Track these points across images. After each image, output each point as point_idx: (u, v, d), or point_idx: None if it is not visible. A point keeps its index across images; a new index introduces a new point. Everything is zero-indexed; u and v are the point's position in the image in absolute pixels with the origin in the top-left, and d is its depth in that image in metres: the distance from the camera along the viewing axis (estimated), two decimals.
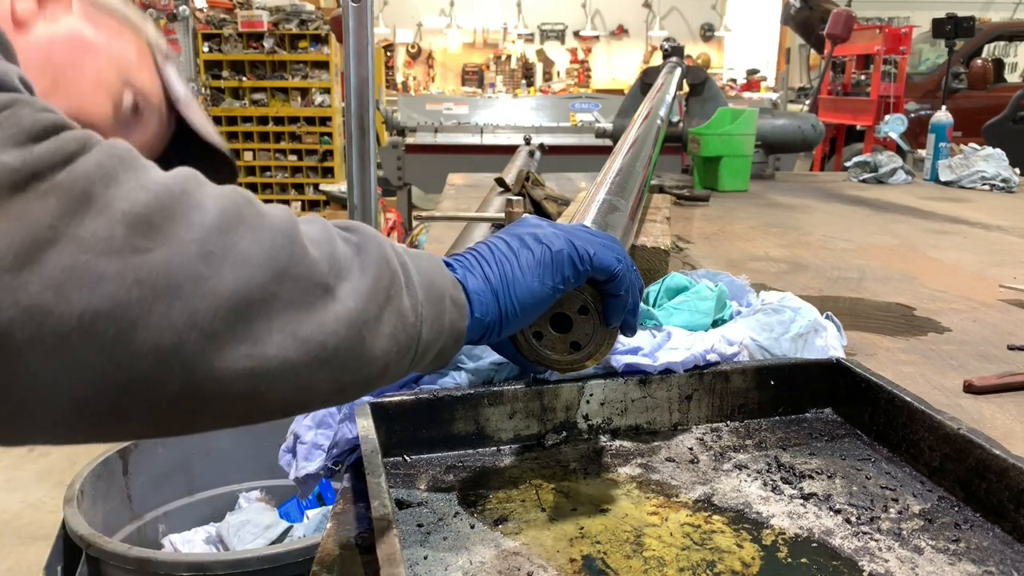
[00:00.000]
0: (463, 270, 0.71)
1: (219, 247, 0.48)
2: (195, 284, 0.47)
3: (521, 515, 0.71)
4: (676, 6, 13.95)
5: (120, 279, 0.44)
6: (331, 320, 0.54)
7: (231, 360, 0.48)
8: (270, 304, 0.50)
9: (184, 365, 0.46)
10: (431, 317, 0.64)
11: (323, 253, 0.55)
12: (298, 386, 0.53)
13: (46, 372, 0.43)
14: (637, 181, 1.34)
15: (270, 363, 0.50)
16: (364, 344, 0.56)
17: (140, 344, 0.45)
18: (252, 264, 0.50)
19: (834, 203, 2.68)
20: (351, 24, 1.86)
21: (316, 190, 8.14)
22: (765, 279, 1.59)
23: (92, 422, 0.46)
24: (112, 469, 2.15)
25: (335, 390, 0.57)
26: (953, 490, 0.74)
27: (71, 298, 0.43)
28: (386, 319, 0.58)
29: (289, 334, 0.51)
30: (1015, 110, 6.11)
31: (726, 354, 0.91)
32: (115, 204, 0.46)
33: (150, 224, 0.46)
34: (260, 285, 0.50)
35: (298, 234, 0.53)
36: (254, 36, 8.37)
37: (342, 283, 0.55)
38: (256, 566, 1.68)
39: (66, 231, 0.44)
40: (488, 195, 2.18)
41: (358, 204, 2.01)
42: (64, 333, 0.43)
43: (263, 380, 0.50)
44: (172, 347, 0.46)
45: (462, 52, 13.95)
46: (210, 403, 0.49)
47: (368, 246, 0.60)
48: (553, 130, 6.45)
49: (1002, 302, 1.48)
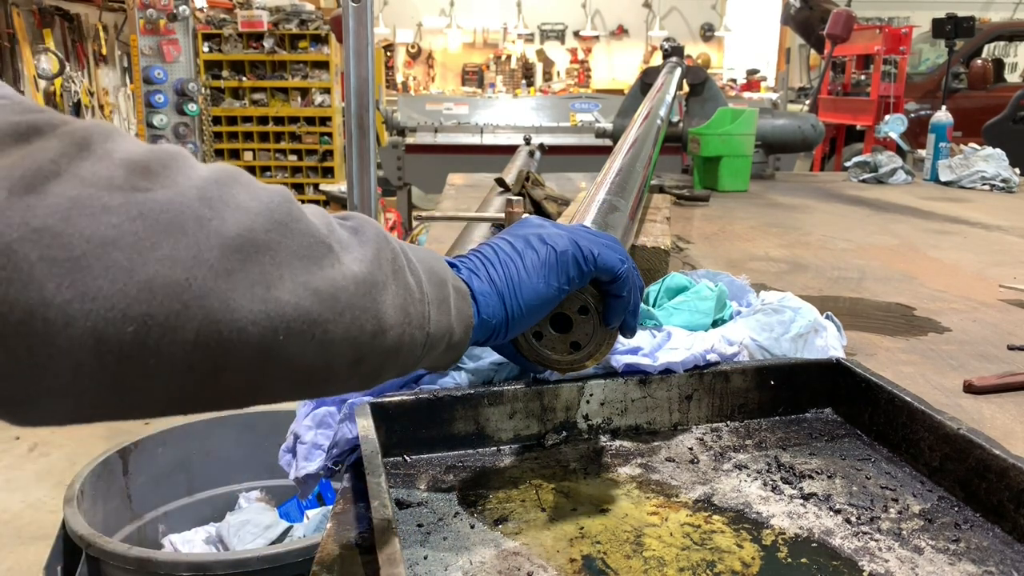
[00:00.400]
0: (468, 272, 0.71)
1: (218, 195, 0.49)
2: (199, 223, 0.47)
3: (521, 515, 0.71)
4: (676, 6, 13.95)
5: (124, 210, 0.45)
6: (340, 276, 0.54)
7: (245, 300, 0.48)
8: (277, 251, 0.50)
9: (198, 302, 0.46)
10: (436, 300, 0.64)
11: (321, 221, 0.56)
12: (316, 341, 0.52)
13: (60, 298, 0.42)
14: (637, 181, 1.34)
15: (284, 308, 0.50)
16: (377, 307, 0.57)
17: (151, 276, 0.45)
18: (253, 212, 0.50)
19: (834, 203, 2.68)
20: (351, 24, 1.86)
21: (316, 190, 8.14)
22: (765, 279, 1.59)
23: (115, 373, 0.45)
24: (112, 469, 2.15)
25: (354, 358, 0.56)
26: (953, 490, 0.74)
27: (78, 224, 0.43)
28: (393, 290, 0.59)
29: (301, 283, 0.51)
30: (1015, 110, 6.11)
31: (726, 354, 0.91)
32: (114, 153, 0.47)
33: (148, 169, 0.47)
34: (264, 231, 0.50)
35: (295, 200, 0.55)
36: (254, 36, 8.38)
37: (344, 251, 0.56)
38: (256, 566, 1.69)
39: (68, 168, 0.44)
40: (488, 195, 2.18)
41: (358, 204, 2.01)
42: (74, 257, 0.42)
43: (280, 327, 0.50)
44: (183, 281, 0.46)
45: (462, 52, 13.95)
46: (230, 350, 0.48)
47: (365, 228, 0.60)
48: (553, 130, 6.45)
49: (1002, 302, 1.48)
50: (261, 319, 0.49)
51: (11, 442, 3.55)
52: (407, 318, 0.60)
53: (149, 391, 0.47)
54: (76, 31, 8.16)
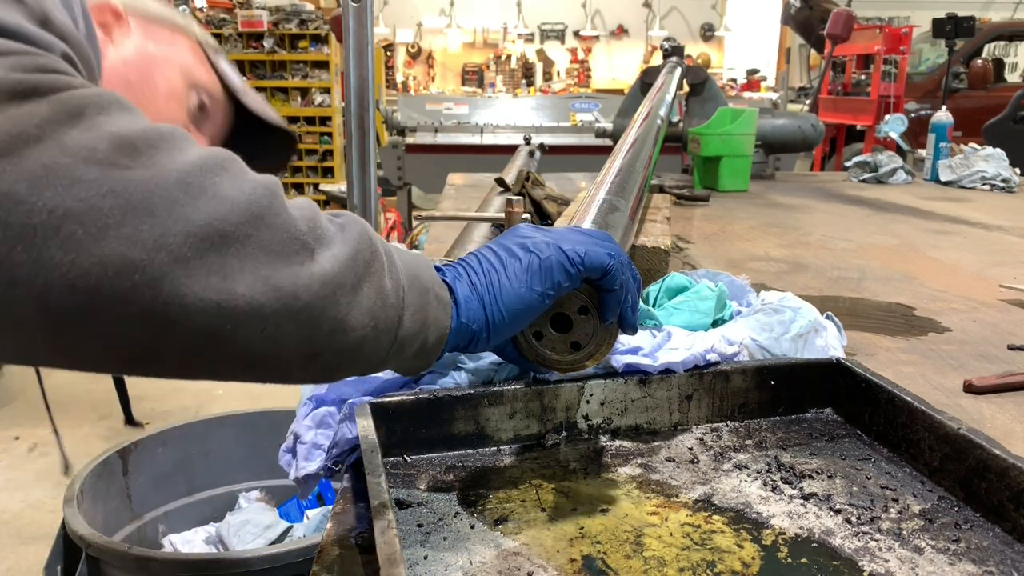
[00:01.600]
0: (452, 277, 0.72)
1: (198, 181, 0.49)
2: (169, 208, 0.48)
3: (521, 515, 0.71)
4: (676, 6, 13.95)
5: (95, 185, 0.45)
6: (306, 275, 0.54)
7: (198, 288, 0.49)
8: (244, 244, 0.51)
9: (150, 284, 0.47)
10: (414, 306, 0.64)
11: (304, 217, 0.56)
12: (266, 334, 0.53)
13: (10, 261, 0.44)
14: (637, 181, 1.34)
15: (237, 301, 0.50)
16: (339, 308, 0.57)
17: (108, 253, 0.46)
18: (229, 203, 0.50)
19: (834, 203, 2.68)
20: (351, 24, 1.86)
21: (316, 190, 8.13)
22: (765, 279, 1.59)
23: (55, 331, 0.47)
24: (112, 469, 2.15)
25: (307, 353, 0.57)
26: (953, 490, 0.74)
27: (44, 193, 0.44)
28: (365, 292, 0.59)
29: (261, 277, 0.51)
30: (1015, 110, 6.11)
31: (726, 354, 0.91)
32: (104, 125, 0.47)
33: (134, 147, 0.48)
34: (235, 224, 0.50)
35: (280, 193, 0.55)
36: (254, 36, 8.38)
37: (322, 248, 0.56)
38: (256, 566, 1.69)
39: (52, 134, 0.45)
40: (488, 195, 2.18)
41: (358, 204, 2.01)
42: (32, 225, 0.44)
43: (229, 318, 0.50)
44: (139, 262, 0.46)
45: (462, 52, 13.95)
46: (174, 330, 0.49)
47: (351, 227, 0.61)
48: (553, 130, 6.45)
49: (1002, 302, 1.48)
50: (211, 308, 0.49)
51: (11, 442, 3.55)
52: (374, 321, 0.60)
53: (87, 351, 0.49)
54: None
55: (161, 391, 4.04)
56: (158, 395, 4.00)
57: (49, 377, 4.59)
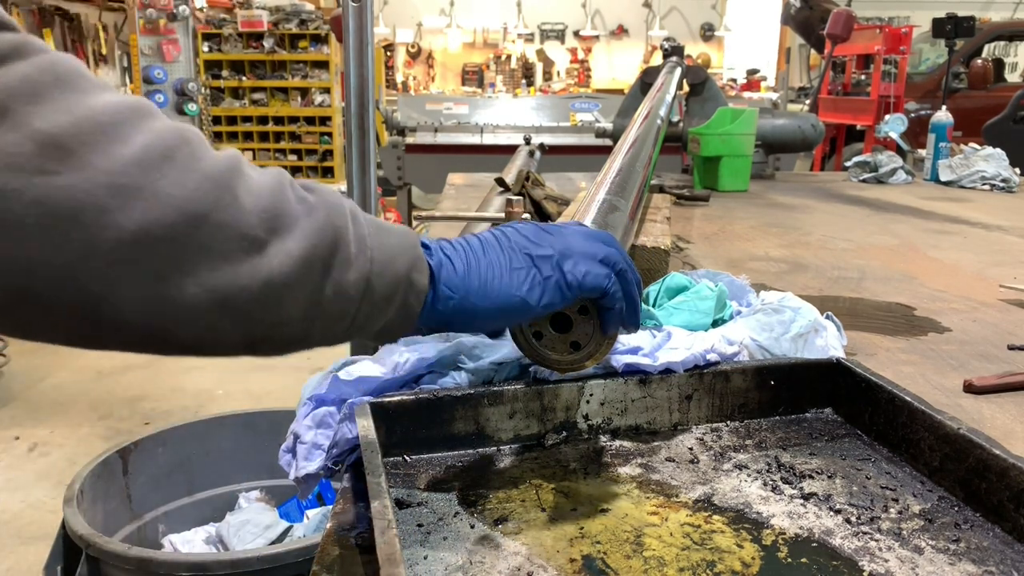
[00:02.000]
0: (436, 262, 0.69)
1: (134, 182, 0.47)
2: (98, 215, 0.45)
3: (521, 515, 0.71)
4: (676, 6, 13.95)
5: (17, 197, 0.43)
6: (246, 275, 0.52)
7: (129, 290, 0.48)
8: (181, 247, 0.49)
9: (79, 285, 0.46)
10: (378, 295, 0.62)
11: (259, 206, 0.53)
12: (203, 328, 0.53)
13: None
14: (637, 181, 1.34)
15: (171, 304, 0.50)
16: (281, 306, 0.55)
17: (33, 258, 0.45)
18: (166, 204, 0.48)
19: (834, 203, 2.68)
20: (351, 24, 1.86)
21: None
22: (765, 279, 1.59)
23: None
24: (112, 469, 2.15)
25: (246, 343, 0.56)
26: (953, 490, 0.74)
27: None
28: (316, 286, 0.57)
29: (195, 281, 0.50)
30: (1015, 110, 6.12)
31: (726, 354, 0.91)
32: (31, 122, 0.44)
33: (63, 148, 0.45)
34: (170, 226, 0.48)
35: (233, 182, 0.52)
36: (254, 36, 8.38)
37: (275, 240, 0.54)
38: (256, 566, 1.69)
39: None
40: (488, 195, 2.18)
41: (358, 204, 2.01)
42: None
43: (164, 318, 0.50)
44: (68, 266, 0.45)
45: (462, 52, 13.95)
46: (113, 326, 0.49)
47: (319, 210, 0.57)
48: (553, 130, 6.46)
49: (1002, 302, 1.48)
50: (143, 312, 0.49)
51: (11, 442, 3.55)
52: (322, 314, 0.58)
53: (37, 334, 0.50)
54: (76, 31, 8.16)
55: (161, 391, 4.04)
56: (158, 395, 4.00)
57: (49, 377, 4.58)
